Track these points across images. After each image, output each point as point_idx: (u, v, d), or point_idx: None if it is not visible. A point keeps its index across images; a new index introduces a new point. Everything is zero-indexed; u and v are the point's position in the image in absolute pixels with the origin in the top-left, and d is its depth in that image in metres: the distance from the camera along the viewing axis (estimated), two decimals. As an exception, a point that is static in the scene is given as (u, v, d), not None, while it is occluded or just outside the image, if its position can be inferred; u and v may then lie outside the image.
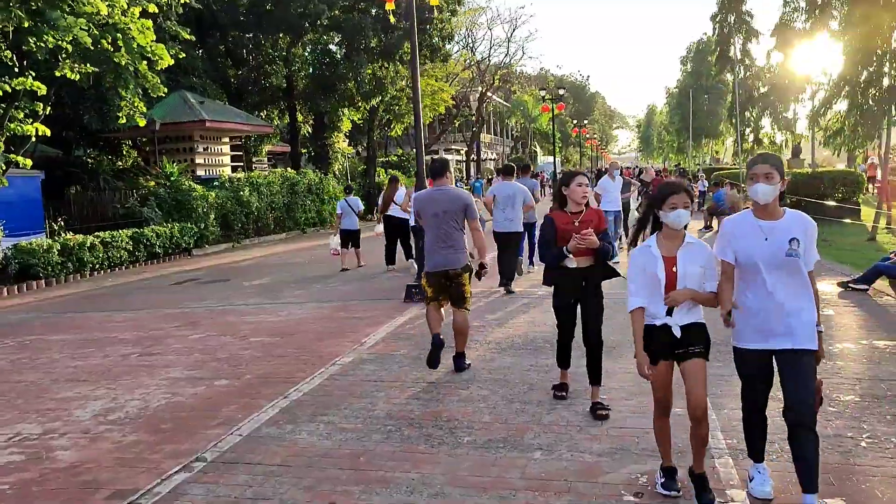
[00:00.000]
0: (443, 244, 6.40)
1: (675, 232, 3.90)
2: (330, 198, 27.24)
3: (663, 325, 3.96)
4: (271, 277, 13.80)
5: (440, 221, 6.43)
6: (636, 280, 4.00)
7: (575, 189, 5.25)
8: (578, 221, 5.22)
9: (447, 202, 6.49)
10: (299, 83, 30.62)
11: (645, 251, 3.96)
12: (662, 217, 3.88)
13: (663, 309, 3.94)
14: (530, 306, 9.54)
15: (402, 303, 10.06)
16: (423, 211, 6.61)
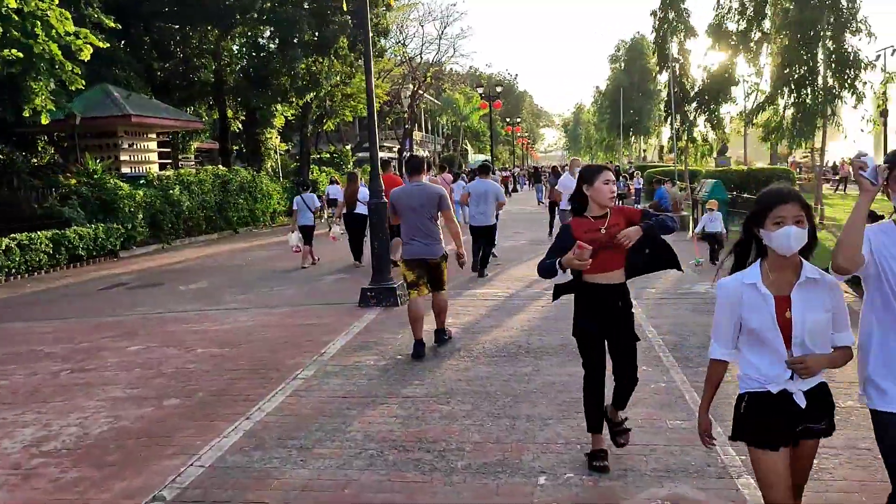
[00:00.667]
0: (419, 236, 6.89)
1: (785, 260, 2.72)
2: (263, 196, 26.30)
3: (781, 393, 2.78)
4: (209, 281, 12.99)
5: (417, 215, 6.91)
6: (721, 322, 2.96)
7: (601, 188, 4.14)
8: (605, 228, 4.14)
9: (423, 197, 7.00)
10: (229, 77, 29.50)
11: (739, 285, 2.84)
12: (765, 238, 2.74)
13: (778, 368, 2.77)
14: (494, 309, 9.11)
15: (357, 307, 9.50)
16: (401, 205, 7.03)
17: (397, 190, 7.50)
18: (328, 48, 27.64)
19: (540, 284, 10.75)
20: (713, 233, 12.08)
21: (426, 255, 6.90)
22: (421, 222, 6.92)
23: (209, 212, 22.65)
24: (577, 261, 3.92)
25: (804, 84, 16.08)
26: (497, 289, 10.62)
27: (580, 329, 4.43)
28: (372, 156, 9.88)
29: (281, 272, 13.73)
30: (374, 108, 9.79)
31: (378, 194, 9.67)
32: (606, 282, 4.23)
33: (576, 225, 4.25)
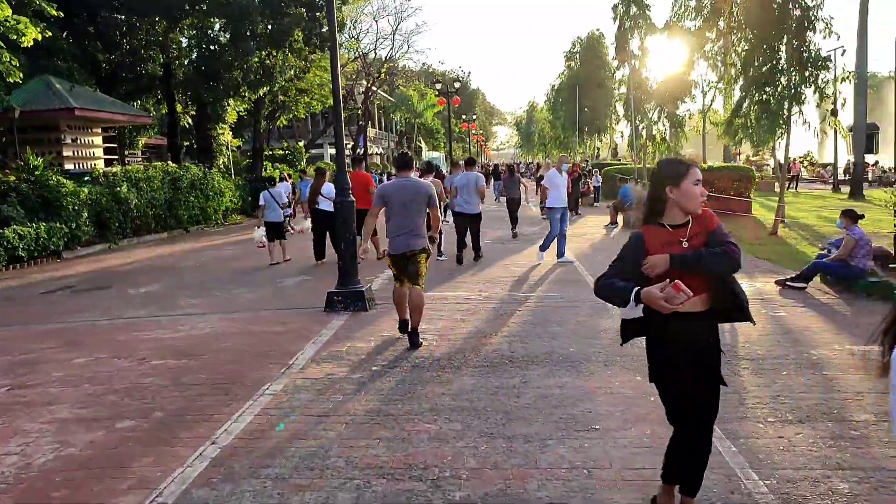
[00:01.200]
0: (406, 230, 7.03)
1: None
2: (215, 193, 25.41)
3: None
4: (161, 284, 12.27)
5: (407, 209, 7.07)
6: None
7: (690, 191, 3.22)
8: (687, 240, 3.25)
9: (414, 192, 7.15)
10: (179, 71, 28.46)
11: None
12: None
13: None
14: (468, 313, 8.66)
15: (323, 312, 8.96)
16: (391, 199, 7.13)
17: (388, 184, 7.58)
18: (282, 41, 26.84)
19: (516, 287, 10.35)
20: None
21: (407, 248, 7.07)
22: (410, 217, 7.09)
23: (159, 210, 21.74)
24: (665, 302, 3.00)
25: (768, 82, 15.99)
26: (468, 291, 10.17)
27: (668, 375, 3.40)
28: (338, 150, 9.34)
29: (239, 273, 13.08)
30: (339, 100, 9.25)
31: (344, 191, 9.14)
32: (694, 310, 3.24)
33: (650, 235, 3.29)
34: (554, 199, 12.65)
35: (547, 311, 8.67)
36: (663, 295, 2.98)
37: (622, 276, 3.25)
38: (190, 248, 18.54)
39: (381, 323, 8.28)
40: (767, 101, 15.98)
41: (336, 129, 9.36)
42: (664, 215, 3.30)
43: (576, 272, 11.73)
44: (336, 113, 9.34)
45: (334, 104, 9.35)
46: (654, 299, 3.02)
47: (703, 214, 3.29)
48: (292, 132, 54.09)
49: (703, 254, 3.18)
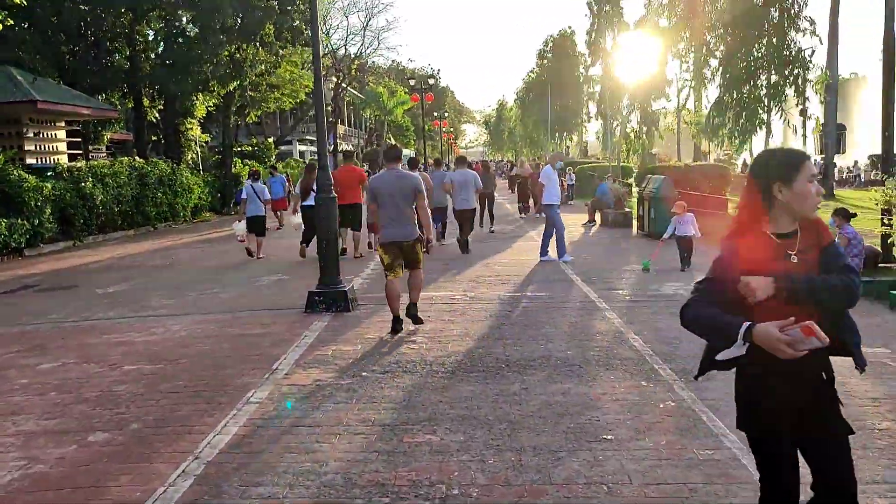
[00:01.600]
0: (395, 220, 7.35)
1: None
2: (183, 190, 24.78)
3: None
4: (130, 283, 11.77)
5: (395, 200, 7.34)
6: None
7: (805, 191, 2.50)
8: (796, 254, 2.52)
9: (401, 184, 7.44)
10: (146, 64, 27.72)
11: None
12: None
13: None
14: (456, 314, 8.34)
15: (304, 313, 8.58)
16: (380, 191, 7.43)
17: (377, 177, 7.99)
18: (253, 35, 26.28)
19: (502, 286, 10.05)
20: (683, 236, 11.46)
21: (401, 237, 7.37)
22: (398, 208, 7.37)
23: (125, 206, 21.11)
24: (788, 347, 2.29)
25: (748, 80, 15.92)
26: (453, 291, 9.86)
27: (760, 422, 2.58)
28: (319, 148, 8.96)
29: (212, 272, 12.63)
30: (322, 97, 8.84)
31: (327, 188, 8.77)
32: (742, 352, 2.46)
33: (748, 248, 2.51)
34: (551, 195, 12.39)
35: (537, 311, 8.39)
36: (787, 339, 2.28)
37: (709, 297, 2.56)
38: (158, 245, 17.97)
39: (367, 324, 7.94)
40: (747, 98, 15.88)
41: (318, 128, 8.98)
42: (768, 222, 2.55)
43: (561, 271, 11.48)
44: (318, 110, 8.94)
45: (316, 102, 8.95)
46: (772, 343, 2.30)
47: (815, 222, 2.58)
48: (260, 128, 53.32)
49: (815, 283, 2.43)
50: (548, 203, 12.46)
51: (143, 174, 22.19)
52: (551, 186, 12.43)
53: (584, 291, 9.56)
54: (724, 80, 16.38)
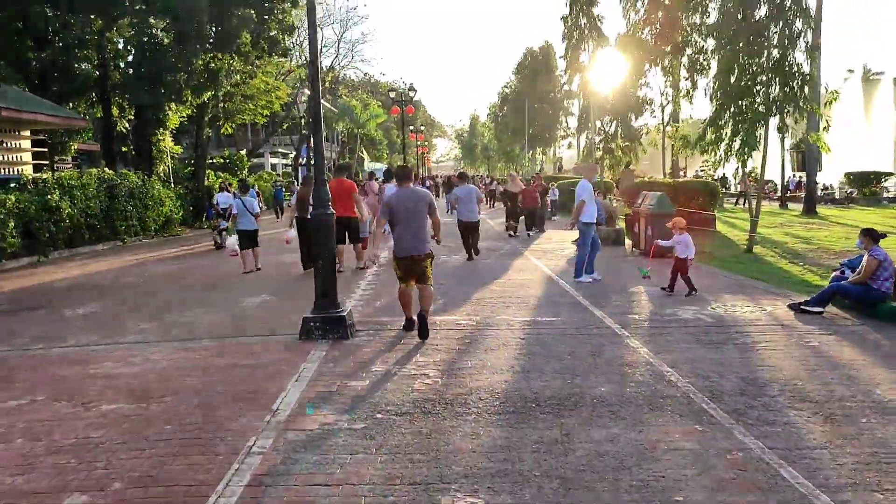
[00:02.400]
0: (411, 234, 7.73)
1: None
2: (154, 203, 23.83)
3: None
4: (102, 304, 10.91)
5: (410, 216, 7.74)
6: None
7: None
8: None
9: (415, 200, 7.87)
10: (116, 72, 26.77)
11: None
12: None
13: None
14: (466, 342, 7.66)
15: (298, 341, 7.84)
16: (396, 207, 7.81)
17: (392, 194, 8.24)
18: (230, 44, 25.51)
19: (507, 309, 9.39)
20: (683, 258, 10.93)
21: (415, 251, 7.74)
22: (413, 222, 7.77)
23: (93, 220, 20.13)
24: None
25: (745, 94, 15.51)
26: (457, 315, 9.17)
27: None
28: (316, 162, 8.22)
29: (190, 291, 11.81)
30: (319, 105, 8.12)
31: (324, 204, 8.06)
32: None
33: None
34: (590, 213, 11.72)
35: (554, 339, 7.74)
36: None
37: None
38: (130, 261, 17.05)
39: (370, 354, 7.22)
40: (747, 112, 15.48)
41: (315, 142, 8.23)
42: None
43: (565, 292, 10.86)
44: (315, 125, 8.20)
45: (313, 117, 8.21)
46: None
47: None
48: (232, 140, 52.35)
49: None
50: (588, 221, 11.73)
51: (112, 186, 21.25)
52: (591, 203, 11.78)
53: (598, 316, 8.93)
54: (718, 95, 15.91)
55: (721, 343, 7.47)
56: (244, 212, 13.77)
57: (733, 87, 15.67)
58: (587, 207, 11.68)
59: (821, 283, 11.55)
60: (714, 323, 8.43)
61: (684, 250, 10.71)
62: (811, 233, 20.38)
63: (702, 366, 6.56)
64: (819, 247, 16.85)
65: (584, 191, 11.78)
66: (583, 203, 11.67)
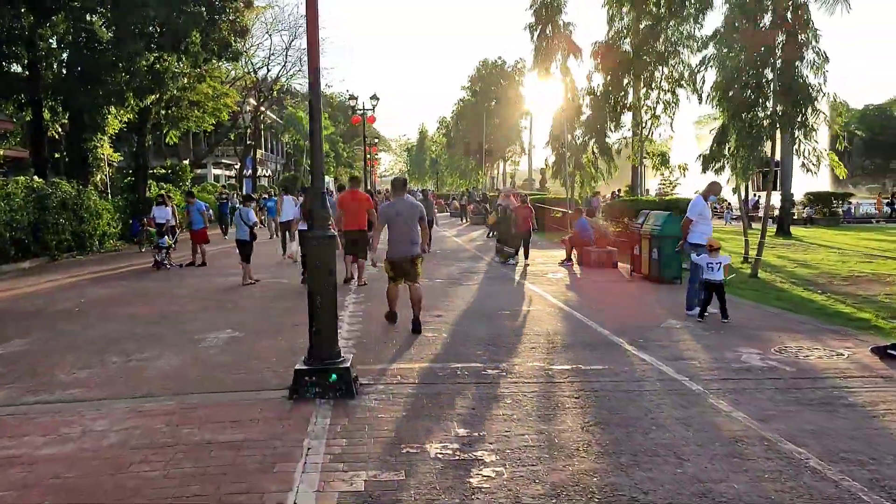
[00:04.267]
0: (404, 239, 8.61)
1: None
2: (91, 215, 21.51)
3: None
4: (28, 340, 8.86)
5: (402, 222, 8.60)
6: None
7: None
8: None
9: (408, 209, 8.73)
10: (48, 72, 24.29)
11: None
12: None
13: None
14: (507, 401, 5.97)
15: (288, 400, 6.05)
16: (390, 215, 8.71)
17: (388, 204, 9.01)
18: (177, 43, 23.35)
19: (533, 352, 7.72)
20: (715, 282, 9.56)
21: (408, 253, 8.59)
22: (405, 229, 8.59)
23: (20, 234, 17.82)
24: None
25: (753, 106, 14.33)
26: (476, 361, 7.48)
27: None
28: (315, 175, 6.43)
29: (138, 323, 9.82)
30: (319, 112, 6.34)
31: (322, 222, 6.31)
32: None
33: None
34: (701, 234, 10.13)
35: (614, 397, 6.13)
36: None
37: None
38: (63, 282, 14.86)
39: (391, 423, 5.48)
40: (750, 126, 14.28)
41: (314, 157, 6.44)
42: None
43: (588, 327, 9.29)
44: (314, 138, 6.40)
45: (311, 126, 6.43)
46: None
47: None
48: (174, 150, 49.64)
49: None
50: (698, 243, 10.14)
51: (42, 196, 18.95)
52: (703, 224, 10.22)
53: (649, 361, 7.37)
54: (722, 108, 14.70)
55: (827, 403, 5.98)
56: (239, 223, 13.82)
57: (735, 100, 14.49)
58: (698, 227, 10.12)
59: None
60: (797, 373, 6.95)
61: (716, 274, 9.48)
62: (801, 255, 19.39)
63: (835, 442, 5.03)
64: (821, 271, 15.75)
65: (694, 207, 10.29)
66: (690, 222, 10.13)
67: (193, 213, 17.67)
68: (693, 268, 10.18)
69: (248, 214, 13.81)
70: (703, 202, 10.38)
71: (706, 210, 10.37)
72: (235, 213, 14.31)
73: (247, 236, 13.60)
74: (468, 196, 36.29)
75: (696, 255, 9.93)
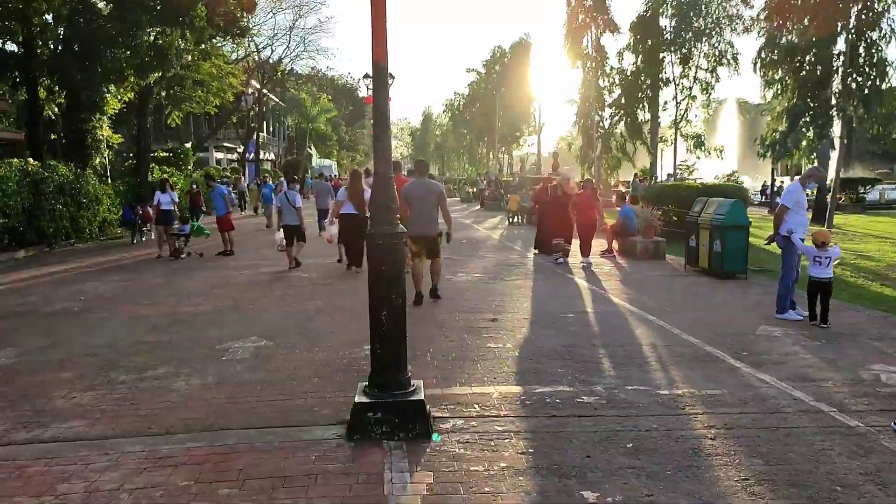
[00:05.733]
0: (423, 219, 9.11)
1: None
2: (90, 201, 20.14)
3: None
4: (17, 352, 7.54)
5: (422, 203, 9.08)
6: None
7: None
8: None
9: (428, 190, 9.30)
10: (44, 49, 22.82)
11: None
12: None
13: None
14: (627, 446, 4.69)
15: (349, 444, 4.74)
16: (411, 196, 9.13)
17: (409, 185, 9.42)
18: (181, 16, 21.86)
19: (625, 372, 6.40)
20: (823, 280, 8.27)
21: (428, 232, 9.19)
22: (426, 209, 9.17)
23: (13, 220, 16.50)
24: None
25: (822, 84, 12.97)
26: (564, 385, 6.17)
27: None
28: (379, 159, 5.08)
29: (145, 326, 8.50)
30: (386, 101, 5.01)
31: (389, 217, 4.97)
32: None
33: None
34: (798, 223, 8.72)
35: (755, 435, 4.84)
36: None
37: None
38: (59, 273, 13.55)
39: (488, 478, 4.17)
40: (820, 105, 12.93)
41: (379, 137, 5.10)
42: None
43: (674, 335, 7.97)
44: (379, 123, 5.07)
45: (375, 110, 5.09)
46: None
47: None
48: (175, 133, 48.16)
49: None
50: (789, 235, 8.71)
51: (37, 181, 17.61)
52: (798, 213, 8.80)
53: (770, 383, 6.06)
54: (785, 87, 13.34)
55: None
56: (288, 207, 13.55)
57: (806, 74, 13.13)
58: (793, 216, 8.74)
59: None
60: (968, 402, 5.65)
61: (824, 270, 8.22)
62: (852, 245, 18.06)
63: None
64: (886, 263, 14.45)
65: (790, 195, 8.91)
66: (785, 210, 8.76)
67: (216, 198, 16.40)
68: (787, 264, 8.87)
69: (294, 198, 13.60)
70: (800, 188, 9.00)
71: (803, 198, 9.01)
72: (279, 196, 14.10)
73: (295, 220, 13.42)
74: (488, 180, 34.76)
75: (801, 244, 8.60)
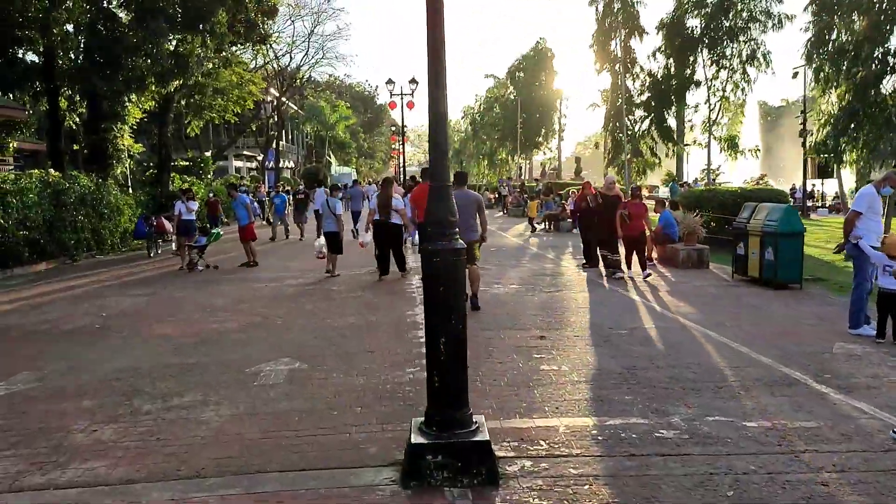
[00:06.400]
0: (462, 227, 7.19)
1: None
2: (111, 211, 19.76)
3: None
4: (38, 376, 7.04)
5: (462, 211, 7.40)
6: None
7: None
8: None
9: (468, 199, 9.78)
10: (65, 58, 22.52)
11: None
12: None
13: None
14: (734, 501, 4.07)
15: (406, 491, 4.15)
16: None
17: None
18: (202, 23, 21.48)
19: (704, 401, 5.74)
20: (893, 291, 7.60)
21: (467, 240, 7.52)
22: (464, 217, 8.55)
23: (35, 233, 16.12)
24: None
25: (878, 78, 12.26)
26: (650, 419, 5.55)
27: None
28: (435, 164, 4.51)
29: (169, 347, 7.97)
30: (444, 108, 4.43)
31: (445, 230, 4.39)
32: None
33: None
34: (870, 230, 7.99)
35: (871, 484, 4.21)
36: None
37: None
38: (81, 288, 13.09)
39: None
40: (877, 105, 12.21)
41: (435, 136, 4.53)
42: None
43: (746, 357, 7.33)
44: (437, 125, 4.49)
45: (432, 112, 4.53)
46: None
47: None
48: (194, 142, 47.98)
49: None
50: (860, 244, 8.00)
51: (59, 191, 17.25)
52: (871, 220, 8.07)
53: (869, 413, 5.41)
54: (840, 84, 12.65)
55: None
56: (328, 213, 13.65)
57: (861, 69, 12.41)
58: (865, 222, 8.01)
59: None
60: None
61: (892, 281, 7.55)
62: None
63: None
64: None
65: (861, 199, 8.20)
66: (857, 215, 8.02)
67: (238, 207, 15.92)
68: (859, 274, 8.19)
69: (335, 205, 13.72)
70: (873, 192, 8.27)
71: (878, 202, 8.30)
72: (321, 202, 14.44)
73: (335, 227, 13.50)
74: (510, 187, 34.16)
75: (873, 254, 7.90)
